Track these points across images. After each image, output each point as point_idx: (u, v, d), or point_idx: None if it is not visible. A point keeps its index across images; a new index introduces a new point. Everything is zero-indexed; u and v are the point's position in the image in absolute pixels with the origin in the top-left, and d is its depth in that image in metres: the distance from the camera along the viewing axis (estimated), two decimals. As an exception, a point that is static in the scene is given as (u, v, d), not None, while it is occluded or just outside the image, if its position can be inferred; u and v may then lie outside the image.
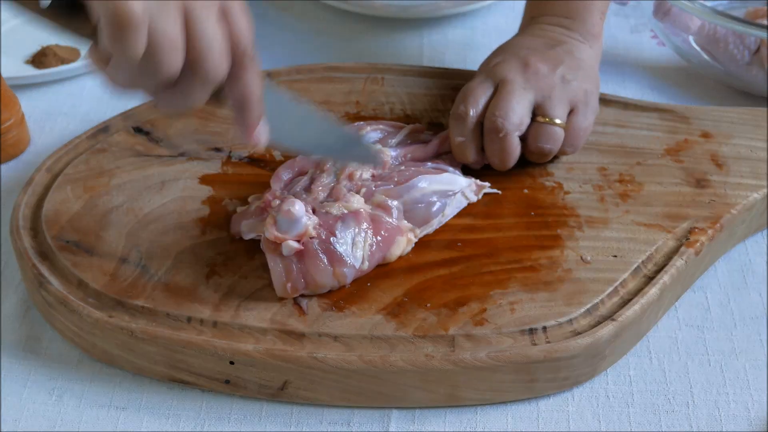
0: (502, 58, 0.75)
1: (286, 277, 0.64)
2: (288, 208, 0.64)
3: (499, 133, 0.71)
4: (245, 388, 0.63)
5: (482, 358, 0.61)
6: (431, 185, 0.70)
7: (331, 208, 0.67)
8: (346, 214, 0.66)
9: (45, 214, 0.72)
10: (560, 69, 0.73)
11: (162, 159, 0.77)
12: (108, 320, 0.64)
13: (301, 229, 0.64)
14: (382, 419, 0.63)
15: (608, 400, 0.64)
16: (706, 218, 0.71)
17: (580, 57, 0.75)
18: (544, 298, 0.65)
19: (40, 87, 0.94)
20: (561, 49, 0.75)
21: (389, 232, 0.67)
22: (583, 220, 0.71)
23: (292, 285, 0.64)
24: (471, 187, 0.72)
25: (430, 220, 0.69)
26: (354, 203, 0.67)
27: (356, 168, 0.71)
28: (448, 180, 0.71)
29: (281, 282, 0.64)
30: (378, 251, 0.66)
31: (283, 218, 0.64)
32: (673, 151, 0.77)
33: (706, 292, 0.72)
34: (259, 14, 1.06)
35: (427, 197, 0.69)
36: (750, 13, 0.94)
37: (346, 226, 0.66)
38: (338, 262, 0.65)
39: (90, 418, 0.63)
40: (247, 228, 0.69)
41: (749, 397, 0.64)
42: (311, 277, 0.64)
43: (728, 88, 0.92)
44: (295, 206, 0.64)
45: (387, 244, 0.67)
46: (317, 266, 0.64)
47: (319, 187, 0.70)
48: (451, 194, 0.71)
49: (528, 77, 0.72)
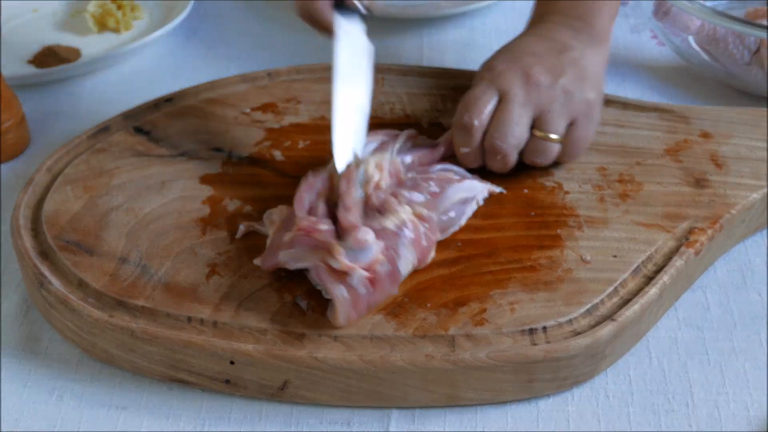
0: (506, 66, 0.73)
1: (353, 307, 0.63)
2: (363, 237, 0.63)
3: (497, 155, 0.72)
4: (245, 388, 0.63)
5: (482, 358, 0.61)
6: (458, 194, 0.70)
7: (385, 222, 0.66)
8: (400, 227, 0.65)
9: (45, 214, 0.72)
10: (563, 80, 0.72)
11: (162, 159, 0.77)
12: (108, 320, 0.64)
13: (372, 256, 0.63)
14: (382, 419, 0.63)
15: (608, 400, 0.64)
16: (705, 218, 0.71)
17: (585, 65, 0.74)
18: (544, 298, 0.65)
19: (40, 87, 0.94)
20: (566, 57, 0.74)
21: (429, 246, 0.67)
22: (583, 220, 0.71)
23: (357, 312, 0.63)
24: (484, 192, 0.72)
25: (452, 227, 0.70)
26: (402, 213, 0.67)
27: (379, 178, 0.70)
28: (470, 187, 0.71)
29: (346, 311, 0.62)
30: (417, 263, 0.67)
31: (357, 248, 0.63)
32: (673, 151, 0.77)
33: (705, 292, 0.72)
34: (259, 14, 1.06)
35: (455, 206, 0.70)
36: (750, 13, 0.94)
37: (401, 243, 0.65)
38: (396, 282, 0.65)
39: (90, 418, 0.63)
40: (294, 258, 0.65)
41: (749, 397, 0.64)
42: (376, 301, 0.64)
43: (728, 88, 0.92)
44: (368, 235, 0.63)
45: (425, 255, 0.67)
46: (384, 291, 0.64)
47: (350, 202, 0.67)
48: (471, 201, 0.71)
49: (529, 90, 0.71)
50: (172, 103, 0.82)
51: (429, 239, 0.67)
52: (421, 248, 0.66)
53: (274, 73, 0.86)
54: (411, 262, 0.66)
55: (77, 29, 1.02)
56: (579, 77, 0.73)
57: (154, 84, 0.93)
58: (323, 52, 0.98)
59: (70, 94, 0.93)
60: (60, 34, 1.00)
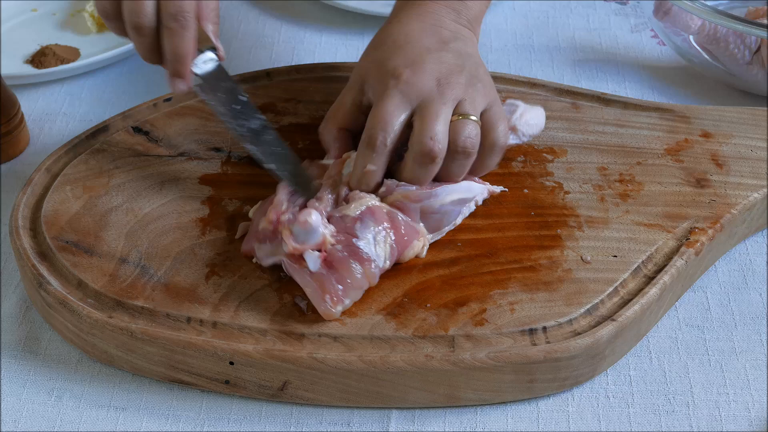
0: (411, 73, 0.69)
1: (321, 290, 0.63)
2: (305, 218, 0.63)
3: (429, 159, 0.67)
4: (245, 388, 0.63)
5: (482, 359, 0.61)
6: (450, 195, 0.69)
7: (347, 210, 0.66)
8: (363, 212, 0.66)
9: (44, 215, 0.72)
10: (466, 73, 0.70)
11: (162, 159, 0.77)
12: (107, 321, 0.64)
13: (318, 238, 0.64)
14: (382, 419, 0.63)
15: (608, 400, 0.64)
16: (706, 218, 0.71)
17: (472, 52, 0.72)
18: (544, 299, 0.65)
19: (39, 87, 0.94)
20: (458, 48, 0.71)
21: (407, 232, 0.66)
22: (583, 220, 0.71)
23: (331, 296, 0.63)
24: (483, 193, 0.72)
25: (443, 228, 0.69)
26: (369, 201, 0.67)
27: None
28: (466, 188, 0.70)
29: (319, 296, 0.63)
30: (395, 250, 0.66)
31: (300, 229, 0.63)
32: (674, 151, 0.77)
33: (706, 292, 0.71)
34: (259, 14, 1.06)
35: (445, 208, 0.69)
36: (750, 12, 0.94)
37: (364, 225, 0.65)
38: (366, 261, 0.64)
39: (89, 419, 0.63)
40: (265, 254, 0.66)
41: (749, 397, 0.64)
42: (347, 281, 0.63)
43: (728, 88, 0.92)
44: (312, 216, 0.63)
45: (405, 243, 0.66)
46: (350, 270, 0.63)
47: (327, 194, 0.68)
48: (467, 202, 0.70)
49: (443, 91, 0.68)
50: (172, 103, 0.82)
51: (406, 226, 0.66)
52: (399, 235, 0.66)
53: (273, 72, 0.86)
54: (381, 246, 0.65)
55: (76, 29, 1.01)
56: (476, 68, 0.71)
57: (154, 84, 0.93)
58: (323, 52, 0.99)
59: (69, 94, 0.92)
60: (59, 34, 1.00)
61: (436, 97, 0.68)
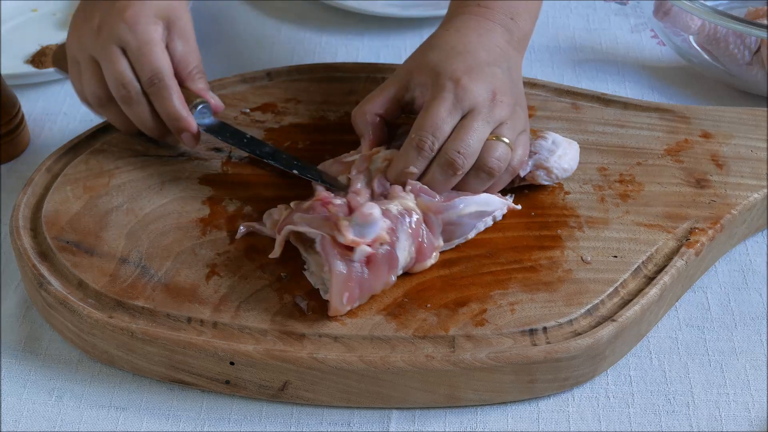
0: (470, 80, 0.69)
1: (345, 287, 0.62)
2: (369, 211, 0.63)
3: (451, 170, 0.68)
4: (245, 388, 0.63)
5: (482, 359, 0.61)
6: (468, 207, 0.68)
7: (390, 205, 0.66)
8: (403, 212, 0.65)
9: (45, 215, 0.72)
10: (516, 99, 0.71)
11: (162, 159, 0.77)
12: (108, 321, 0.64)
13: (377, 233, 0.63)
14: (382, 420, 0.63)
15: (608, 400, 0.64)
16: (706, 218, 0.71)
17: (519, 79, 0.74)
18: (544, 299, 0.65)
19: (39, 87, 0.94)
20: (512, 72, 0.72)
21: (428, 249, 0.67)
22: (584, 221, 0.71)
23: (349, 295, 0.63)
24: (503, 209, 0.71)
25: (454, 240, 0.69)
26: (408, 201, 0.67)
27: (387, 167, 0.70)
28: (485, 201, 0.70)
29: (340, 291, 0.62)
30: (413, 261, 0.66)
31: (362, 222, 0.63)
32: (674, 151, 0.77)
33: (706, 292, 0.72)
34: (259, 14, 1.06)
35: (462, 219, 0.68)
36: (750, 12, 0.94)
37: (403, 230, 0.65)
38: (393, 270, 0.65)
39: (90, 419, 0.63)
40: (306, 222, 0.65)
41: (749, 397, 0.64)
42: (370, 287, 0.64)
43: (728, 88, 0.92)
44: (374, 209, 0.63)
45: (421, 259, 0.67)
46: (380, 276, 0.64)
47: (363, 188, 0.69)
48: (485, 216, 0.70)
49: (493, 107, 0.69)
50: (172, 103, 0.82)
51: (430, 241, 0.67)
52: (420, 245, 0.66)
53: (274, 73, 0.86)
54: (408, 253, 0.65)
55: (77, 29, 1.01)
56: (521, 93, 0.73)
57: (154, 84, 0.93)
58: (323, 52, 0.99)
59: (70, 93, 0.92)
60: (60, 34, 1.00)
61: (485, 111, 0.69)
